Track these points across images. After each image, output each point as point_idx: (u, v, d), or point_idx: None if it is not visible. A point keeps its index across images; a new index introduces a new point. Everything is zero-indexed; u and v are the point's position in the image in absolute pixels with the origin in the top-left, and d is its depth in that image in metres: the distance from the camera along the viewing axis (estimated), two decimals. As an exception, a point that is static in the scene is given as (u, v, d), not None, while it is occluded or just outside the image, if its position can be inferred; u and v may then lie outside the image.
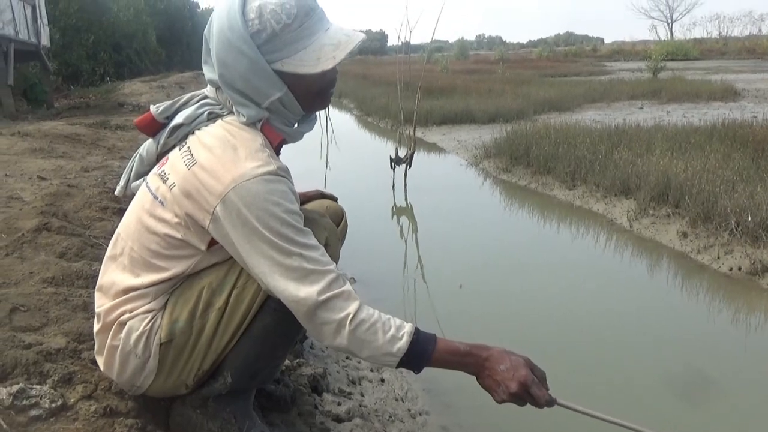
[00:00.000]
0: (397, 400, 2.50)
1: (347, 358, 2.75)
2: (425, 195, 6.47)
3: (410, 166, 6.63)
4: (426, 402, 2.54)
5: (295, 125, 1.47)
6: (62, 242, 2.53)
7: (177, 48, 30.97)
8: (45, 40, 12.11)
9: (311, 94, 1.39)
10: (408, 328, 1.32)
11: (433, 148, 9.22)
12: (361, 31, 1.35)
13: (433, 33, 7.60)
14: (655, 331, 3.28)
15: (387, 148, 8.39)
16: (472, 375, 1.36)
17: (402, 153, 6.69)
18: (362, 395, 2.44)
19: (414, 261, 4.52)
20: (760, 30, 60.33)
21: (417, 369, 1.34)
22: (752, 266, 3.79)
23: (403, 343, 1.29)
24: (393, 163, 6.63)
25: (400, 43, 7.80)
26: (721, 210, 4.34)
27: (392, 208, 6.11)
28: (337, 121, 12.06)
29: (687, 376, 2.80)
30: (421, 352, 1.31)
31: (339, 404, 2.16)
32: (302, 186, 1.89)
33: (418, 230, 5.46)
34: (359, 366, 2.72)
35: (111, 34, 20.58)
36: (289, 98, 1.36)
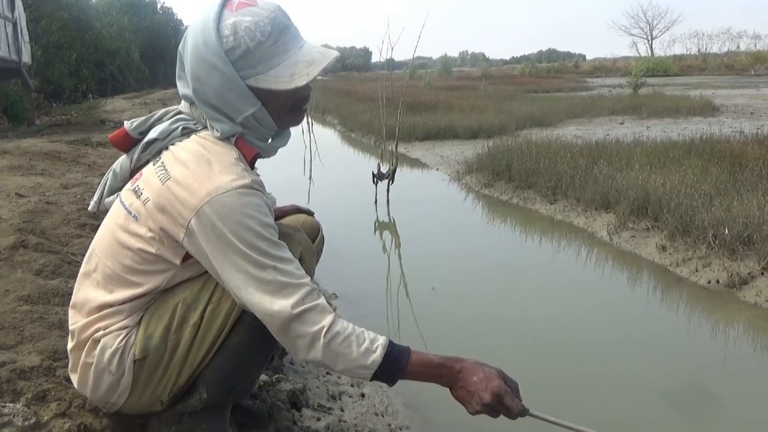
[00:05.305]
0: (377, 415, 2.49)
1: (327, 373, 2.74)
2: (408, 210, 6.48)
3: (393, 182, 6.64)
4: (406, 417, 2.53)
5: (269, 140, 1.48)
6: (39, 259, 2.51)
7: (160, 65, 30.93)
8: (26, 58, 12.03)
9: (285, 110, 1.40)
10: (382, 340, 1.32)
11: (415, 163, 9.26)
12: (345, 48, 1.37)
13: (415, 49, 7.66)
14: (634, 343, 3.30)
15: (370, 164, 8.41)
16: (446, 387, 1.37)
17: (384, 168, 6.71)
18: (342, 410, 2.43)
19: (397, 276, 4.52)
20: (738, 47, 61.42)
21: (391, 381, 1.34)
22: (730, 279, 3.84)
23: (377, 355, 1.30)
24: (375, 179, 6.65)
25: (383, 60, 7.80)
26: (699, 223, 4.39)
27: (375, 223, 6.12)
28: (320, 137, 12.06)
29: (665, 387, 2.82)
30: (395, 365, 1.32)
31: (318, 419, 2.15)
32: (284, 201, 1.90)
33: (400, 245, 5.47)
34: (339, 381, 2.71)
35: (94, 51, 20.52)
36: (263, 114, 1.38)
